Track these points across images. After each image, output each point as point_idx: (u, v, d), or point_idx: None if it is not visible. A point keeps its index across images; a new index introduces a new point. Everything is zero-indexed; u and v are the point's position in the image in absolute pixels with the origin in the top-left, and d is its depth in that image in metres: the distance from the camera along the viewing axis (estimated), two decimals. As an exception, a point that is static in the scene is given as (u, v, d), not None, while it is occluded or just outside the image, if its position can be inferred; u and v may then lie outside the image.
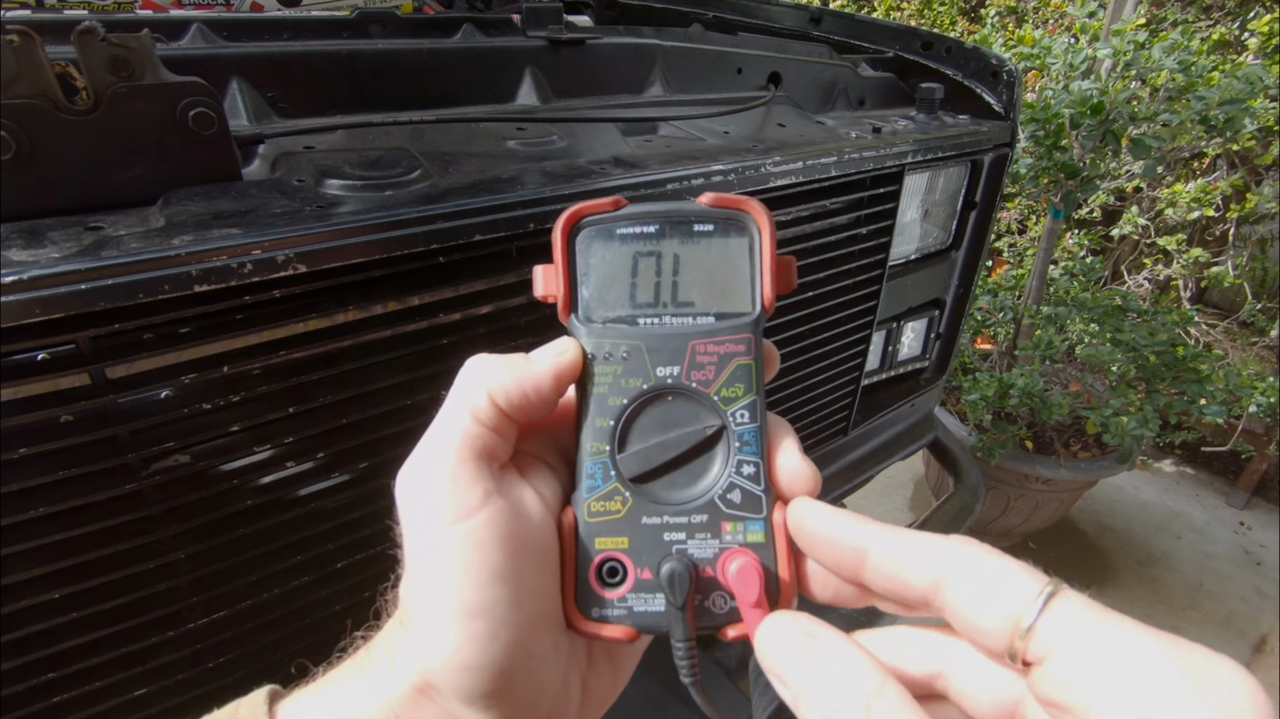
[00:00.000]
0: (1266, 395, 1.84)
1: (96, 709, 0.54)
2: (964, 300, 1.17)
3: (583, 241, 0.33)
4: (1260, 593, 2.26)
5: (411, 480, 0.30)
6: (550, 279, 0.33)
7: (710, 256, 0.33)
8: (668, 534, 0.31)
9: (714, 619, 0.31)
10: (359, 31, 0.86)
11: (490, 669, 0.27)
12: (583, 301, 0.33)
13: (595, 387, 0.32)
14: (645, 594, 0.31)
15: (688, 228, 0.33)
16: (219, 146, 0.54)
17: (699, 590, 0.31)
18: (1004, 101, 1.05)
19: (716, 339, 0.32)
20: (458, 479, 0.28)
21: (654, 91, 0.92)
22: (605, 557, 0.31)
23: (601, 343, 0.32)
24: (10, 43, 0.43)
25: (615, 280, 0.33)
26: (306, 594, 0.61)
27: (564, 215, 0.33)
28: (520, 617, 0.28)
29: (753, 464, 0.31)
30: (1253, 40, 2.21)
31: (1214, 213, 2.42)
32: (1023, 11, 3.00)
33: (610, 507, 0.31)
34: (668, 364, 0.32)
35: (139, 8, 1.01)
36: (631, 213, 0.33)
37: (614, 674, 0.35)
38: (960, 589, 0.25)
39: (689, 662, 0.30)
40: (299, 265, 0.49)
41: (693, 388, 0.32)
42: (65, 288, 0.42)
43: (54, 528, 0.48)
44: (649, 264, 0.33)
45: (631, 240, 0.33)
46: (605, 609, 0.31)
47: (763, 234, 0.32)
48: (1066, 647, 0.23)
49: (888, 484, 2.65)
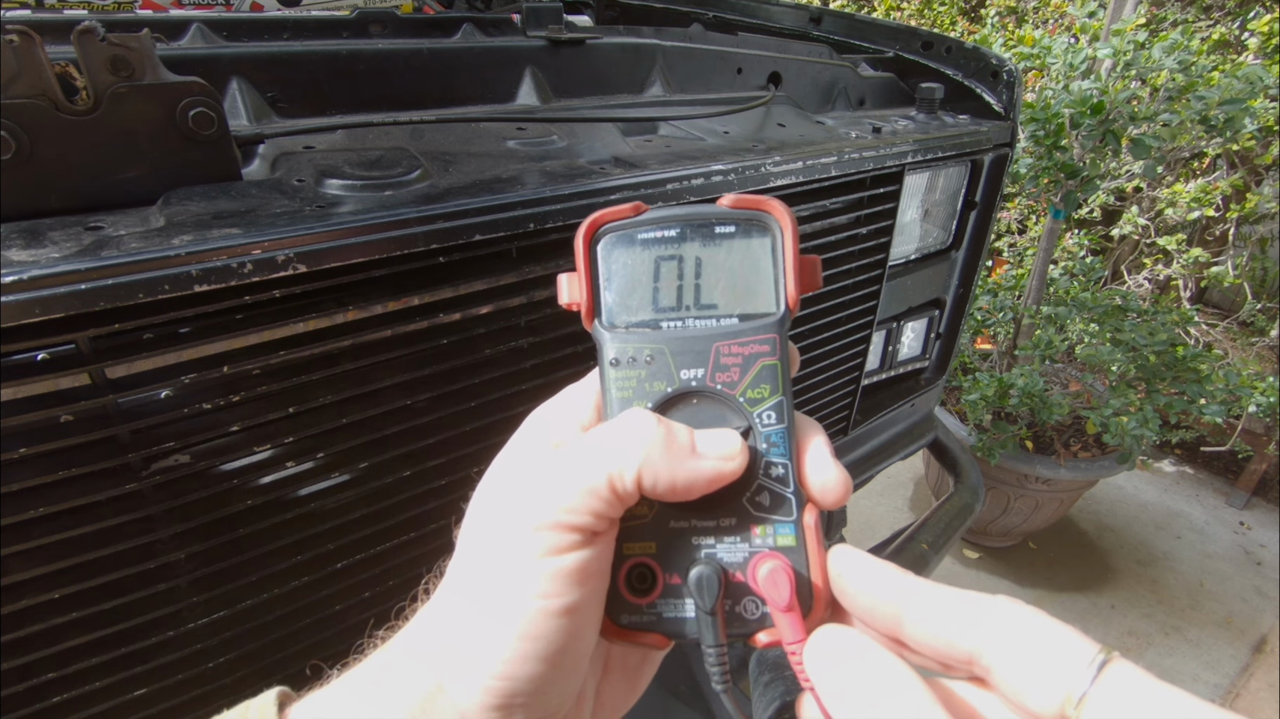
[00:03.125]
0: (1266, 395, 1.84)
1: (97, 709, 0.54)
2: (964, 300, 1.17)
3: (604, 248, 0.33)
4: (1260, 593, 2.26)
5: (518, 502, 0.28)
6: (573, 286, 0.33)
7: (732, 258, 0.32)
8: (696, 538, 0.31)
9: (745, 625, 0.30)
10: (359, 31, 0.86)
11: (529, 683, 0.27)
12: (606, 307, 0.33)
13: (620, 391, 0.32)
14: (674, 600, 0.31)
15: (709, 230, 0.32)
16: (219, 146, 0.54)
17: (729, 596, 0.30)
18: (1004, 101, 1.05)
19: (741, 340, 0.32)
20: (563, 524, 0.27)
21: (654, 91, 0.92)
22: (634, 563, 0.31)
23: (625, 347, 0.32)
24: (10, 43, 0.43)
25: (637, 285, 0.33)
26: (306, 594, 0.61)
27: (585, 223, 0.32)
28: (579, 643, 0.28)
29: (781, 466, 0.31)
30: (1253, 40, 2.21)
31: (1214, 213, 2.42)
32: (1023, 11, 3.00)
33: (638, 511, 0.31)
34: (692, 366, 0.31)
35: (139, 8, 1.02)
36: (652, 217, 0.33)
37: (628, 684, 0.35)
38: (1007, 653, 0.24)
39: (720, 668, 0.30)
40: (299, 265, 0.49)
41: (718, 389, 0.31)
42: (65, 288, 0.42)
43: (54, 528, 0.48)
44: (671, 267, 0.32)
45: (653, 245, 0.32)
46: (635, 616, 0.31)
47: (785, 234, 0.32)
48: (1121, 716, 0.22)
49: (888, 484, 2.65)
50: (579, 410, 0.33)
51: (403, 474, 0.62)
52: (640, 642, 0.31)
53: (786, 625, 0.29)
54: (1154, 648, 2.07)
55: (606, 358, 0.32)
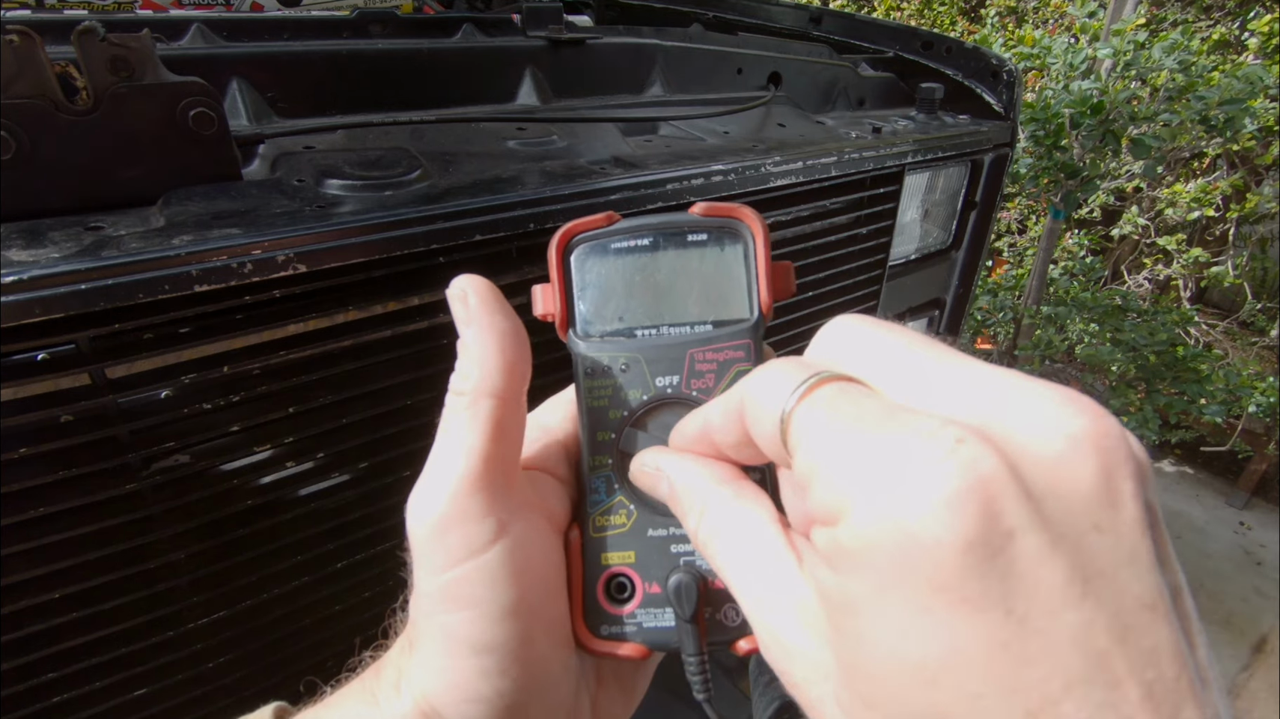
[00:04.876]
0: (1266, 395, 1.84)
1: (97, 709, 0.54)
2: (964, 300, 1.17)
3: (577, 258, 0.33)
4: (1260, 593, 2.26)
5: (421, 511, 0.28)
6: (548, 298, 0.33)
7: (705, 266, 0.32)
8: (674, 546, 0.31)
9: (726, 633, 0.30)
10: (359, 31, 0.86)
11: (500, 701, 0.27)
12: (580, 317, 0.33)
13: (596, 400, 0.32)
14: (654, 609, 0.31)
15: (681, 238, 0.32)
16: (219, 146, 0.54)
17: (709, 603, 0.30)
18: (1004, 101, 1.05)
19: (715, 346, 0.32)
20: (468, 513, 0.27)
21: (654, 91, 0.92)
22: (612, 572, 0.31)
23: (600, 357, 0.32)
24: (10, 43, 0.43)
25: (611, 294, 0.33)
26: (306, 594, 0.61)
27: (557, 234, 0.33)
28: (532, 649, 0.27)
29: (758, 471, 0.30)
30: (1253, 40, 2.21)
31: (1214, 213, 2.42)
32: (1023, 11, 3.00)
33: (615, 520, 0.31)
34: (667, 374, 0.31)
35: (139, 8, 1.02)
36: (624, 227, 0.33)
37: (624, 695, 0.34)
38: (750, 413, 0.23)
39: (701, 677, 0.30)
40: (299, 265, 0.49)
41: (693, 396, 0.31)
42: (65, 288, 0.42)
43: (54, 528, 0.48)
44: (644, 276, 0.32)
45: (625, 254, 0.33)
46: (615, 627, 0.31)
47: (756, 240, 0.32)
48: (817, 419, 0.20)
49: (888, 484, 2.65)
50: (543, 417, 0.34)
51: (403, 474, 0.62)
52: (620, 653, 0.30)
53: None
54: (1154, 648, 2.07)
55: (581, 367, 0.32)
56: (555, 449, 0.33)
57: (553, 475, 0.32)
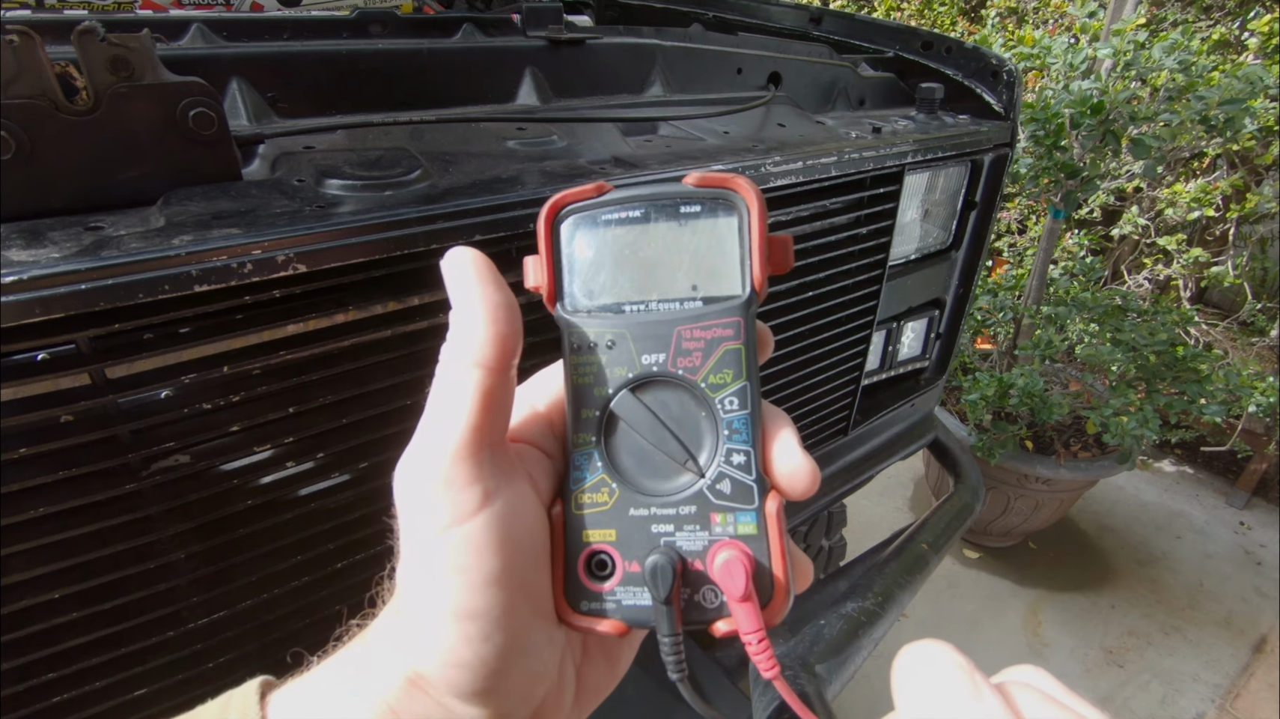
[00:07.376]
0: (1266, 395, 1.84)
1: (96, 709, 0.54)
2: (964, 300, 1.17)
3: (566, 230, 0.32)
4: (1260, 593, 2.26)
5: (408, 478, 0.28)
6: (537, 270, 0.32)
7: (697, 239, 0.31)
8: (655, 526, 0.31)
9: (703, 614, 0.30)
10: (359, 31, 0.86)
11: (483, 667, 0.27)
12: (568, 291, 0.32)
13: (581, 377, 0.31)
14: (634, 588, 0.31)
15: (673, 210, 0.31)
16: (219, 146, 0.54)
17: (689, 584, 0.30)
18: (1004, 101, 1.05)
19: (703, 324, 0.31)
20: (454, 481, 0.27)
21: (654, 91, 0.92)
22: (593, 549, 0.31)
23: (586, 332, 0.31)
24: (10, 43, 0.43)
25: (600, 268, 0.32)
26: (307, 594, 0.61)
27: (547, 204, 0.32)
28: (515, 618, 0.28)
29: (743, 453, 0.30)
30: (1253, 40, 2.21)
31: (1214, 213, 2.42)
32: (1023, 11, 3.00)
33: (598, 498, 0.31)
34: (653, 351, 0.31)
35: (139, 8, 1.02)
36: (615, 198, 0.31)
37: (609, 665, 0.35)
38: None
39: (675, 657, 0.30)
40: (299, 265, 0.49)
41: (679, 375, 0.31)
42: (65, 288, 0.42)
43: (54, 528, 0.48)
44: (634, 250, 0.31)
45: (616, 226, 0.31)
46: (594, 603, 0.31)
47: (752, 212, 0.31)
48: None
49: (888, 484, 2.65)
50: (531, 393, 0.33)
51: (403, 474, 0.62)
52: (598, 629, 0.30)
53: (743, 615, 0.28)
54: (1154, 648, 2.07)
55: (568, 343, 0.31)
56: (542, 424, 0.33)
57: (540, 450, 0.33)
